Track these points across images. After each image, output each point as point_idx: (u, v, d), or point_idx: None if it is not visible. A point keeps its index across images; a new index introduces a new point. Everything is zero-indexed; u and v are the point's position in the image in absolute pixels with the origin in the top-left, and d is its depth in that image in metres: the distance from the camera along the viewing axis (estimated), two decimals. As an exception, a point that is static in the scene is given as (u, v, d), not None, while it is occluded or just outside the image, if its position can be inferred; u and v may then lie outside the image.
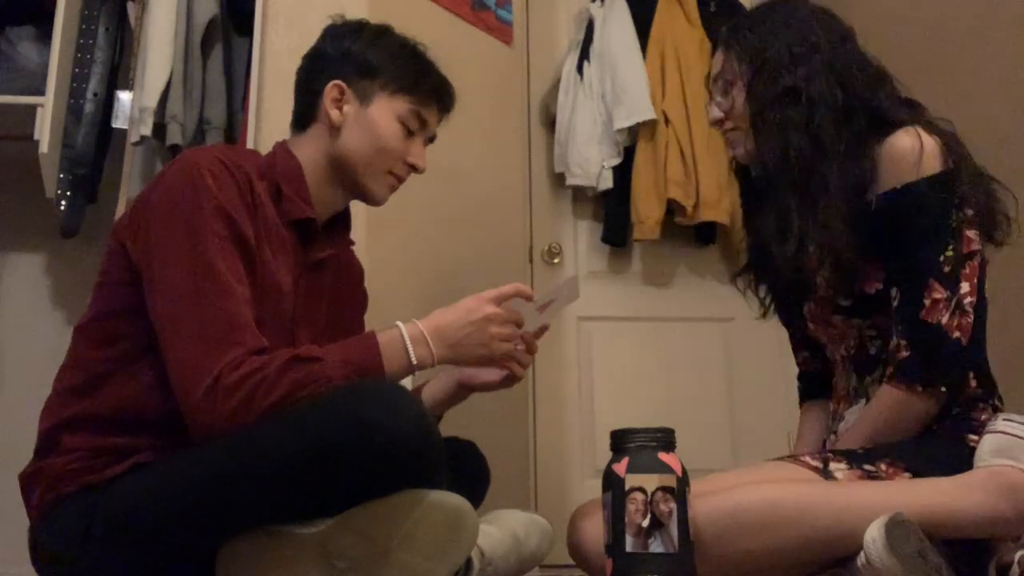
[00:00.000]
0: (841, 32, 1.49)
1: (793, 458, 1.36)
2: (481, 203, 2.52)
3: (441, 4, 2.45)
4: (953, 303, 1.33)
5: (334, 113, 1.45)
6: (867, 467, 1.30)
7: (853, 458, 1.31)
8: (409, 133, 1.47)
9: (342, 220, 1.54)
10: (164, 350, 1.21)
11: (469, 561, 1.24)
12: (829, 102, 1.42)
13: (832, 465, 1.30)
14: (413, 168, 1.50)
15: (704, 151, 2.79)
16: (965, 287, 1.34)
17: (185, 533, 1.18)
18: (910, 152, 1.36)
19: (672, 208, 2.79)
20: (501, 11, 2.67)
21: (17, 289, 2.52)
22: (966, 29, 2.30)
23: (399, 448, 1.12)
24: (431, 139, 1.54)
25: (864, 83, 1.44)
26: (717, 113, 1.54)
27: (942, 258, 1.34)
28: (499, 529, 1.34)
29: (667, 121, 2.81)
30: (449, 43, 2.44)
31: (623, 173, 2.82)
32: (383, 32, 1.51)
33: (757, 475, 1.33)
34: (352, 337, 1.32)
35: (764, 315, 1.62)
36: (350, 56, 1.47)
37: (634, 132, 2.81)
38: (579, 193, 2.95)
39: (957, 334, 1.33)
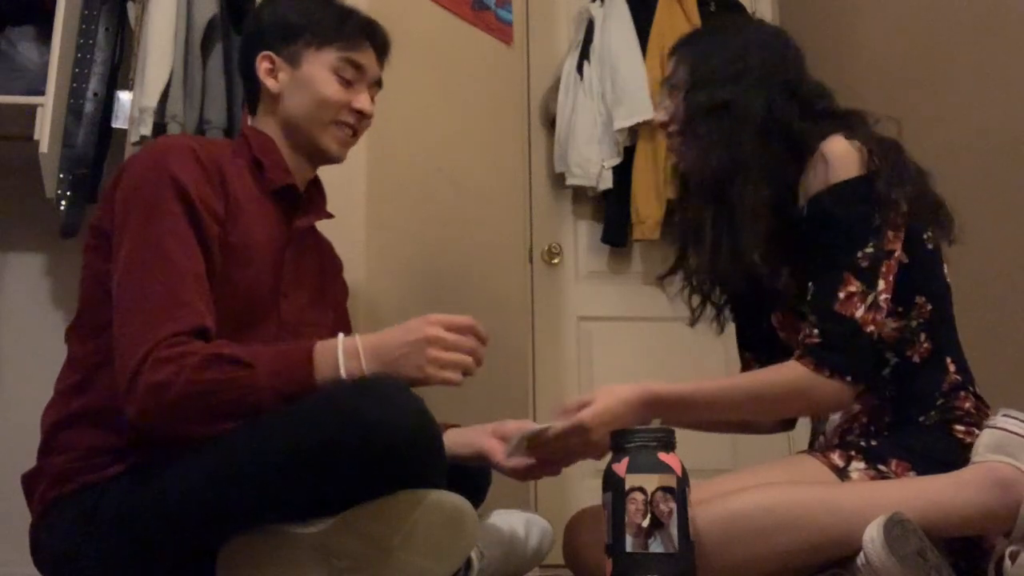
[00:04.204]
0: (784, 53, 1.51)
1: (809, 454, 1.36)
2: (481, 203, 2.52)
3: (441, 4, 2.44)
4: (870, 298, 1.34)
5: (270, 83, 1.48)
6: (881, 467, 1.30)
7: (869, 456, 1.32)
8: (347, 83, 1.49)
9: (317, 189, 1.57)
10: (113, 325, 1.22)
11: (469, 561, 1.25)
12: (755, 121, 1.44)
13: (853, 464, 1.31)
14: (360, 114, 1.50)
15: (704, 151, 2.79)
16: (882, 284, 1.35)
17: (185, 533, 1.19)
18: (830, 158, 1.38)
19: (672, 208, 2.79)
20: (501, 11, 2.66)
21: (17, 289, 2.52)
22: (967, 31, 2.29)
23: (399, 446, 1.11)
24: (377, 84, 1.55)
25: (796, 103, 1.46)
26: (662, 116, 1.56)
27: (860, 254, 1.36)
28: (499, 528, 1.34)
29: (667, 121, 2.81)
30: (449, 43, 2.45)
31: (623, 173, 2.81)
32: None
33: (757, 478, 1.33)
34: (292, 342, 1.28)
35: (693, 323, 1.61)
36: (272, 25, 1.50)
37: (634, 132, 2.81)
38: (579, 193, 2.94)
39: (871, 328, 1.34)
